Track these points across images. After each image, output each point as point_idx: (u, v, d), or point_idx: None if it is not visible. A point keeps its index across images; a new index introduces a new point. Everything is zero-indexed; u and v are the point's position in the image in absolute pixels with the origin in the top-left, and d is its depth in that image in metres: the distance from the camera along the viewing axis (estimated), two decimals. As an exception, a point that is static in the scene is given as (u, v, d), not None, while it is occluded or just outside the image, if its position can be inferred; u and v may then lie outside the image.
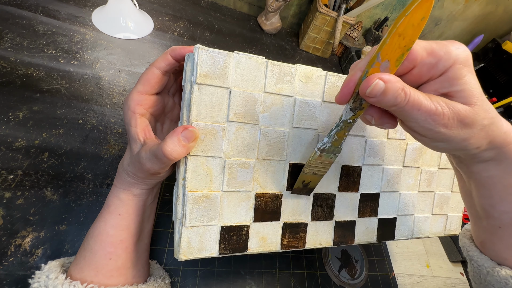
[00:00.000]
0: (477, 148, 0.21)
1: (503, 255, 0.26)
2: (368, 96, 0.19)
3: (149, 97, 0.28)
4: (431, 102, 0.19)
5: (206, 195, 0.26)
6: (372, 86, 0.19)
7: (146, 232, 0.33)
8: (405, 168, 0.35)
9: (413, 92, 0.19)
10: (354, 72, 0.21)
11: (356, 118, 0.23)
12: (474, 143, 0.21)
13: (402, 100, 0.19)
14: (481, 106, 0.19)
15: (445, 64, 0.19)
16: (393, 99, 0.19)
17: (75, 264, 0.28)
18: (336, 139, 0.25)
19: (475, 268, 0.28)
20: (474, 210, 0.27)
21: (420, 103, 0.19)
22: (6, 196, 0.34)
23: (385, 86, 0.18)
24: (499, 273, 0.25)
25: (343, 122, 0.23)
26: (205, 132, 0.25)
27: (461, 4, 0.82)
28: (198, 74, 0.24)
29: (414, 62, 0.19)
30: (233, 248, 0.27)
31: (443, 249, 0.60)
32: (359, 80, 0.21)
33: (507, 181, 0.23)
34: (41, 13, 0.49)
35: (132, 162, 0.27)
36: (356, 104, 0.22)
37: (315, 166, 0.27)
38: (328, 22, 0.70)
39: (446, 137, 0.20)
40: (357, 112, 0.22)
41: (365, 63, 0.20)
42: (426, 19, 0.17)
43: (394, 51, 0.18)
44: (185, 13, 0.66)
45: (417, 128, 0.21)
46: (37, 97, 0.41)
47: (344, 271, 0.45)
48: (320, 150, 0.26)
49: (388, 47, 0.18)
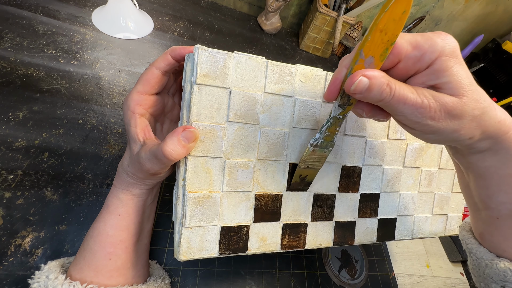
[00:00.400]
0: (470, 139, 0.21)
1: (501, 246, 0.26)
2: (354, 93, 0.20)
3: (149, 97, 0.28)
4: (417, 96, 0.19)
5: (206, 195, 0.26)
6: (356, 83, 0.19)
7: (146, 232, 0.33)
8: (405, 169, 0.35)
9: (398, 87, 0.19)
10: (340, 69, 0.21)
11: (346, 113, 0.23)
12: (466, 133, 0.20)
13: (388, 95, 0.19)
14: (471, 97, 0.19)
15: (431, 57, 0.19)
16: (378, 95, 0.19)
17: (74, 264, 0.28)
18: (327, 134, 0.25)
19: (474, 261, 0.28)
20: (473, 201, 0.27)
21: (405, 97, 0.19)
22: (6, 196, 0.34)
23: (370, 82, 0.19)
24: (498, 265, 0.25)
25: (333, 118, 0.23)
26: (205, 132, 0.25)
27: (461, 4, 0.82)
28: (198, 75, 0.24)
29: (399, 56, 0.19)
30: (233, 249, 0.27)
31: (443, 249, 0.60)
32: (344, 77, 0.21)
33: (504, 172, 0.22)
34: (41, 13, 0.49)
35: (132, 162, 0.27)
36: (344, 100, 0.22)
37: (310, 161, 0.27)
38: (328, 22, 0.70)
39: (435, 129, 0.20)
40: (346, 107, 0.22)
41: (350, 60, 0.20)
42: (407, 13, 0.17)
43: (377, 47, 0.18)
44: (185, 13, 0.66)
45: (405, 121, 0.21)
46: (37, 97, 0.41)
47: (344, 271, 0.45)
48: (313, 145, 0.26)
49: (371, 43, 0.18)
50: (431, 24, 0.88)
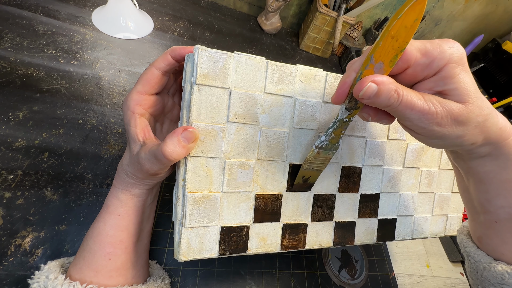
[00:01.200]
0: (473, 144, 0.21)
1: (499, 250, 0.26)
2: (362, 98, 0.20)
3: (149, 97, 0.28)
4: (424, 102, 0.19)
5: (206, 196, 0.26)
6: (365, 89, 0.19)
7: (145, 232, 0.33)
8: (405, 169, 0.35)
9: (406, 93, 0.19)
10: (348, 73, 0.21)
11: (352, 117, 0.23)
12: (469, 139, 0.21)
13: (395, 101, 0.19)
14: (475, 104, 0.20)
15: (439, 64, 0.19)
16: (386, 100, 0.19)
17: (74, 264, 0.28)
18: (333, 137, 0.25)
19: (472, 264, 0.28)
20: (472, 205, 0.28)
21: (413, 104, 0.19)
22: (6, 196, 0.34)
23: (378, 88, 0.19)
24: (495, 268, 0.25)
25: (339, 121, 0.24)
26: (205, 133, 0.25)
27: (461, 4, 0.82)
28: (198, 75, 0.24)
29: (408, 63, 0.20)
30: (233, 249, 0.27)
31: (443, 249, 0.60)
32: (353, 81, 0.21)
33: (503, 176, 0.23)
34: (41, 13, 0.49)
35: (132, 163, 0.27)
36: (352, 104, 0.22)
37: (314, 163, 0.27)
38: (328, 22, 0.70)
39: (440, 134, 0.20)
40: (353, 111, 0.22)
41: (359, 65, 0.20)
42: (419, 21, 0.17)
43: (387, 53, 0.19)
44: (185, 13, 0.66)
45: (412, 127, 0.21)
46: (37, 97, 0.41)
47: (344, 271, 0.45)
48: (318, 147, 0.26)
49: (382, 49, 0.18)
50: (431, 24, 0.88)
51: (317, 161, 0.27)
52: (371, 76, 0.19)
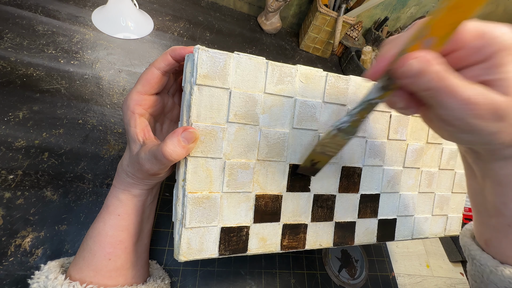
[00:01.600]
0: (501, 144, 0.20)
1: (507, 253, 0.26)
2: (402, 76, 0.17)
3: (149, 97, 0.28)
4: (469, 90, 0.17)
5: (206, 196, 0.26)
6: (408, 65, 0.17)
7: (145, 232, 0.33)
8: (405, 169, 0.35)
9: (452, 77, 0.17)
10: (389, 47, 0.19)
11: (383, 99, 0.21)
12: (501, 137, 0.19)
13: (438, 85, 0.17)
14: None
15: (491, 50, 0.17)
16: (428, 83, 0.17)
17: (74, 264, 0.28)
18: (356, 118, 0.23)
19: (477, 267, 0.28)
20: (483, 208, 0.27)
21: (457, 90, 0.17)
22: (6, 196, 0.34)
23: (423, 66, 0.16)
24: (503, 272, 0.25)
25: (367, 102, 0.21)
26: (205, 133, 0.25)
27: (461, 4, 0.82)
28: (198, 75, 0.24)
29: (460, 43, 0.17)
30: (233, 249, 0.27)
31: (443, 249, 0.60)
32: (394, 57, 0.18)
33: None
34: (41, 13, 0.49)
35: (131, 163, 0.27)
36: (388, 83, 0.19)
37: (328, 146, 0.26)
38: (328, 22, 0.70)
39: (475, 128, 0.18)
40: (386, 92, 0.20)
41: (406, 39, 0.18)
42: None
43: (443, 27, 0.16)
44: (185, 13, 0.66)
45: (446, 117, 0.18)
46: (37, 97, 0.41)
47: (344, 271, 0.45)
48: (337, 129, 0.24)
49: (437, 22, 0.15)
50: (432, 24, 0.88)
51: (332, 144, 0.26)
52: (417, 52, 0.17)
